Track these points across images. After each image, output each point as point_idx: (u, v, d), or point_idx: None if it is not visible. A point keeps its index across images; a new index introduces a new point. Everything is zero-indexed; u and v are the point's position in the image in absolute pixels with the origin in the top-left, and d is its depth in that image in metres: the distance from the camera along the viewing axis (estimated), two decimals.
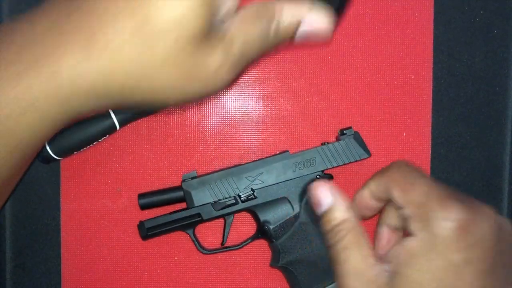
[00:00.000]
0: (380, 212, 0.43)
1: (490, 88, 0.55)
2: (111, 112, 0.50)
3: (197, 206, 0.50)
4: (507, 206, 0.56)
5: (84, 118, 0.51)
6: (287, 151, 0.50)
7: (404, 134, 0.55)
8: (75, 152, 0.52)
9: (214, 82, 0.32)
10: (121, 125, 0.51)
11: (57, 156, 0.50)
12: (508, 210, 0.56)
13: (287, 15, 0.33)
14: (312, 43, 0.37)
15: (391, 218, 0.42)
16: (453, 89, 0.55)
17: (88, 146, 0.51)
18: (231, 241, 0.54)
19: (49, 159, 0.51)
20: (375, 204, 0.42)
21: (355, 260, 0.37)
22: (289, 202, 0.50)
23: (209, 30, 0.30)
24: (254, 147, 0.54)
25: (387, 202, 0.41)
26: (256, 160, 0.50)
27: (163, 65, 0.30)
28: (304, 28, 0.34)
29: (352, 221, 0.38)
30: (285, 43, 0.35)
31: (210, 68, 0.31)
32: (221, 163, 0.54)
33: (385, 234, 0.42)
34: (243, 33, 0.32)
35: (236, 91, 0.54)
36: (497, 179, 0.56)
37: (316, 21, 0.34)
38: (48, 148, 0.50)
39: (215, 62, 0.31)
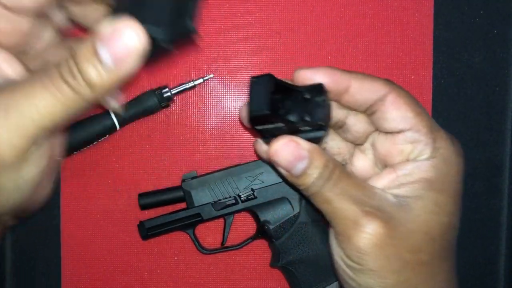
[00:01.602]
0: None
1: (490, 88, 0.55)
2: (111, 112, 0.50)
3: (197, 206, 0.50)
4: (507, 206, 0.56)
5: (84, 118, 0.51)
6: None
7: None
8: (75, 152, 0.52)
9: (35, 192, 0.32)
10: (121, 125, 0.51)
11: (60, 157, 0.50)
12: (508, 210, 0.56)
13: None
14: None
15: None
16: (453, 89, 0.55)
17: (88, 146, 0.51)
18: (231, 241, 0.54)
19: None
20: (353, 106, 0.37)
21: (352, 188, 0.34)
22: (289, 202, 0.50)
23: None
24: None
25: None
26: (256, 160, 0.50)
27: None
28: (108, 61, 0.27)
29: (330, 159, 0.35)
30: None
31: (27, 180, 0.30)
32: (221, 163, 0.54)
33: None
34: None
35: (236, 91, 0.54)
36: (497, 179, 0.56)
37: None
38: None
39: (30, 174, 0.30)
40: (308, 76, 0.35)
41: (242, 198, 0.49)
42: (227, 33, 0.54)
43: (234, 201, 0.49)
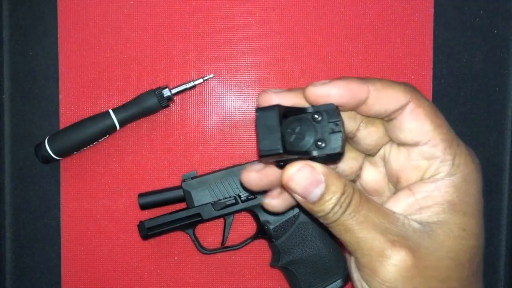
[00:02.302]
0: None
1: (490, 88, 0.55)
2: (111, 112, 0.50)
3: (197, 206, 0.50)
4: (507, 206, 0.56)
5: (84, 118, 0.51)
6: None
7: None
8: (75, 152, 0.52)
9: None
10: (121, 125, 0.51)
11: (57, 156, 0.50)
12: (508, 210, 0.56)
13: None
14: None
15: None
16: (453, 89, 0.55)
17: (88, 146, 0.51)
18: (231, 241, 0.54)
19: (49, 159, 0.51)
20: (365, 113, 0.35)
21: (375, 215, 0.32)
22: None
23: None
24: (254, 147, 0.54)
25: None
26: (256, 160, 0.50)
27: None
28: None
29: (349, 183, 0.33)
30: None
31: None
32: (221, 163, 0.54)
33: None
34: None
35: (236, 91, 0.54)
36: (497, 179, 0.56)
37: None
38: (48, 148, 0.50)
39: None
40: (323, 93, 0.32)
41: (242, 198, 0.49)
42: (227, 33, 0.54)
43: (234, 201, 0.49)
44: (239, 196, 0.49)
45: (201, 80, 0.52)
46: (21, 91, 0.53)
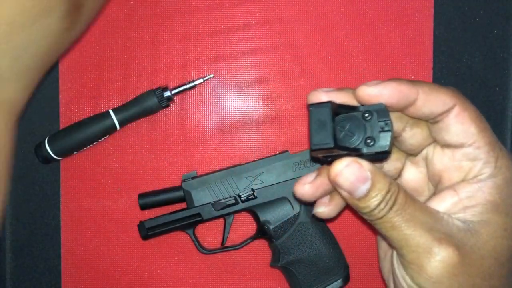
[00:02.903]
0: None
1: (490, 88, 0.55)
2: (111, 112, 0.50)
3: (197, 206, 0.50)
4: None
5: (84, 118, 0.51)
6: (287, 151, 0.50)
7: None
8: (75, 152, 0.52)
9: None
10: (121, 125, 0.51)
11: (57, 156, 0.50)
12: None
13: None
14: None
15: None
16: None
17: (88, 146, 0.51)
18: (231, 241, 0.54)
19: (49, 159, 0.51)
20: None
21: (420, 214, 0.33)
22: (289, 202, 0.50)
23: None
24: (254, 147, 0.54)
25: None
26: (256, 160, 0.50)
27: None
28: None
29: (394, 182, 0.34)
30: None
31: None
32: (221, 163, 0.54)
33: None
34: None
35: (236, 91, 0.54)
36: None
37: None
38: (48, 148, 0.50)
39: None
40: (375, 93, 0.33)
41: (242, 198, 0.49)
42: (227, 33, 0.54)
43: (234, 201, 0.49)
44: (239, 196, 0.49)
45: (201, 80, 0.52)
46: None
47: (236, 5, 0.53)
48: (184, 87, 0.52)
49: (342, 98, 0.35)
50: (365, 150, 0.33)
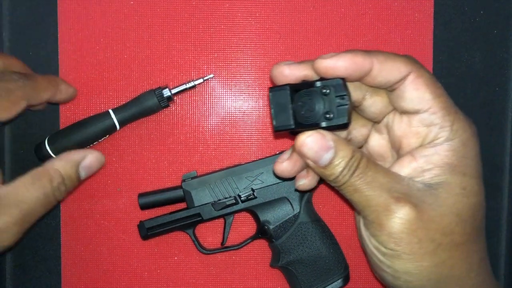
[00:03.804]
0: None
1: (490, 88, 0.55)
2: (111, 112, 0.50)
3: (197, 206, 0.50)
4: (507, 206, 0.56)
5: (84, 118, 0.51)
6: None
7: None
8: None
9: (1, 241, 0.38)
10: (121, 125, 0.51)
11: (57, 156, 0.50)
12: (508, 210, 0.56)
13: (65, 168, 0.42)
14: None
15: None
16: (453, 89, 0.55)
17: (88, 146, 0.51)
18: (231, 241, 0.54)
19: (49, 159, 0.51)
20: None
21: (381, 176, 0.35)
22: (289, 202, 0.50)
23: None
24: (254, 147, 0.54)
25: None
26: (256, 160, 0.50)
27: None
28: (83, 173, 0.43)
29: (357, 149, 0.36)
30: (72, 190, 0.43)
31: None
32: (221, 163, 0.54)
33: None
34: (21, 197, 0.39)
35: (236, 91, 0.54)
36: (497, 179, 0.56)
37: (92, 160, 0.44)
38: (48, 148, 0.50)
39: None
40: (330, 65, 0.35)
41: (242, 198, 0.49)
42: (227, 33, 0.54)
43: (234, 201, 0.49)
44: (239, 196, 0.49)
45: (201, 80, 0.52)
46: None
47: (236, 5, 0.53)
48: (184, 86, 0.52)
49: (303, 71, 0.37)
50: (324, 125, 0.35)
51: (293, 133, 0.37)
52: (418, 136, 0.37)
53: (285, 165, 0.39)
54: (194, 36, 0.54)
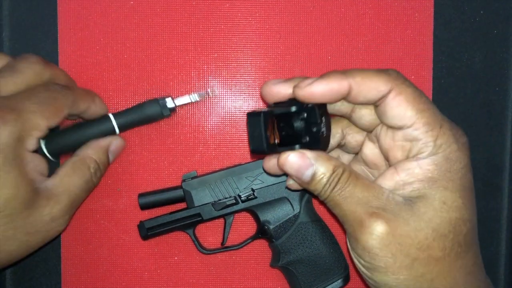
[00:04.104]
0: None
1: (490, 88, 0.55)
2: (111, 116, 0.49)
3: (197, 206, 0.50)
4: (507, 206, 0.56)
5: (82, 122, 0.50)
6: None
7: None
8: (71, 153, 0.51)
9: (53, 229, 0.43)
10: (121, 130, 0.49)
11: (55, 159, 0.48)
12: (508, 210, 0.56)
13: (98, 154, 0.47)
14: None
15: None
16: (453, 89, 0.55)
17: None
18: (231, 241, 0.54)
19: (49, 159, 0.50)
20: (345, 107, 0.39)
21: (359, 191, 0.36)
22: (289, 202, 0.50)
23: (35, 196, 0.40)
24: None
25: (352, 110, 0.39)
26: (256, 160, 0.50)
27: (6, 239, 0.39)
28: (111, 157, 0.49)
29: (340, 164, 0.37)
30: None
31: (45, 220, 0.41)
32: (221, 163, 0.54)
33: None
34: (67, 186, 0.43)
35: (236, 91, 0.54)
36: (497, 179, 0.56)
37: (117, 145, 0.49)
38: (44, 148, 0.47)
39: (48, 215, 0.41)
40: (307, 94, 0.36)
41: (242, 198, 0.49)
42: (227, 33, 0.54)
43: (234, 201, 0.49)
44: (239, 196, 0.49)
45: (204, 95, 0.53)
46: None
47: (236, 5, 0.53)
48: (188, 100, 0.51)
49: (288, 88, 0.38)
50: (297, 148, 0.37)
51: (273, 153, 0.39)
52: (403, 149, 0.37)
53: (272, 162, 0.40)
54: (194, 36, 0.54)
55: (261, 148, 0.37)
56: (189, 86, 0.54)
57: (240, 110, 0.54)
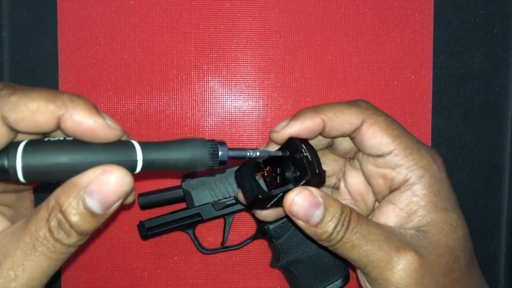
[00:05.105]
0: None
1: (490, 88, 0.55)
2: (135, 143, 0.34)
3: (197, 206, 0.50)
4: (507, 206, 0.56)
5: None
6: None
7: None
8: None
9: None
10: (143, 168, 0.36)
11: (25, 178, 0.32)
12: (508, 210, 0.56)
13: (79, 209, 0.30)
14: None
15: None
16: (453, 89, 0.55)
17: None
18: (231, 241, 0.54)
19: None
20: (323, 140, 0.39)
21: (374, 228, 0.34)
22: None
23: None
24: (254, 147, 0.54)
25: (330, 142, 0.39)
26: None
27: None
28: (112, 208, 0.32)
29: (345, 205, 0.35)
30: None
31: None
32: None
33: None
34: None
35: (236, 91, 0.54)
36: (497, 179, 0.56)
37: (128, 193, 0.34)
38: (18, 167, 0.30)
39: None
40: (283, 137, 0.37)
41: None
42: (227, 33, 0.54)
43: (234, 201, 0.49)
44: None
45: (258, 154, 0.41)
46: None
47: (236, 5, 0.53)
48: (242, 154, 0.35)
49: (289, 129, 0.37)
50: (291, 186, 0.34)
51: (278, 205, 0.37)
52: (385, 178, 0.37)
53: (264, 213, 0.40)
54: (194, 36, 0.54)
55: (254, 195, 0.35)
56: (189, 86, 0.54)
57: (240, 110, 0.54)
